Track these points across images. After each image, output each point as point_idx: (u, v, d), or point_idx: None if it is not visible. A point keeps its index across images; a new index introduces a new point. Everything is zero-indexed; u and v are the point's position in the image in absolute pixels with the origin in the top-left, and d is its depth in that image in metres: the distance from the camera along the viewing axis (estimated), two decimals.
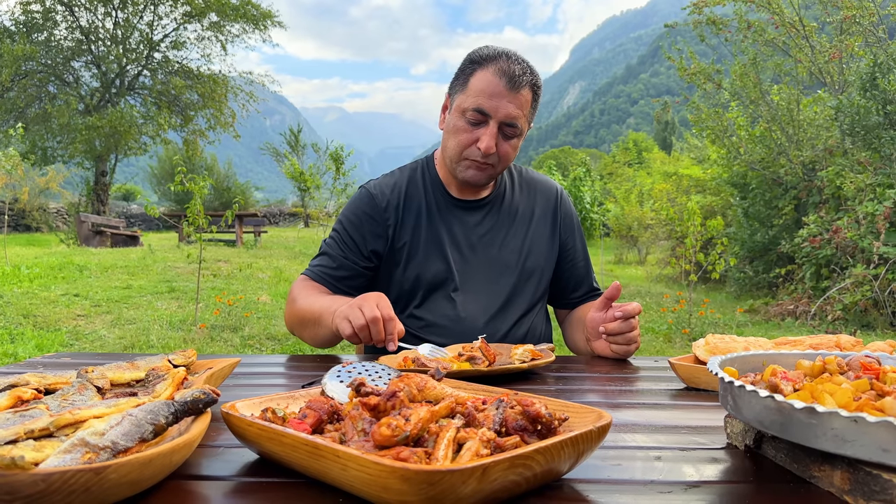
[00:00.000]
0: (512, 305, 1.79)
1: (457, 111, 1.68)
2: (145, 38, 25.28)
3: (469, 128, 1.66)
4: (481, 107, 1.62)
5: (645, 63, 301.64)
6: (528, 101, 1.67)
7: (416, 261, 1.76)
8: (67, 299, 7.74)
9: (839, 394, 0.70)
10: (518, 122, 1.65)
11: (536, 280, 1.84)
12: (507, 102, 1.62)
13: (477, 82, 1.64)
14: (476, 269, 1.78)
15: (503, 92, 1.61)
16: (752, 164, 10.66)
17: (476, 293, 1.76)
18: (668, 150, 38.05)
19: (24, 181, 21.51)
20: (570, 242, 1.92)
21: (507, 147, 1.68)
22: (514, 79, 1.61)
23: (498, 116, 1.62)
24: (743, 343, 1.27)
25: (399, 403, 0.72)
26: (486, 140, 1.62)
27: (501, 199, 1.85)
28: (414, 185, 1.82)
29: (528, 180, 1.94)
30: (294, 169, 23.65)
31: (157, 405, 0.71)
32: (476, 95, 1.63)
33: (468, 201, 1.82)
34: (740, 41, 10.97)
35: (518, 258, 1.81)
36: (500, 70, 1.62)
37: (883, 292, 7.44)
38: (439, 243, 1.77)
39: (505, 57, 1.64)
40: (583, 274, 1.94)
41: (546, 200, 1.91)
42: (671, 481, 0.72)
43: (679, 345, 6.61)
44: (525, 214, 1.86)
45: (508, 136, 1.67)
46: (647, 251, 17.55)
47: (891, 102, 8.51)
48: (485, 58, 1.66)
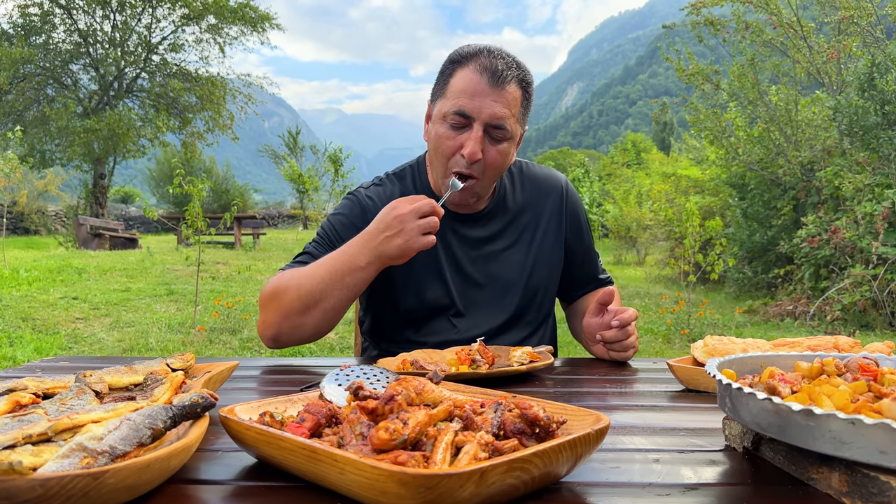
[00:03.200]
0: (518, 323, 1.68)
1: (438, 118, 1.53)
2: (143, 41, 25.29)
3: (452, 133, 1.49)
4: (462, 108, 1.46)
5: (643, 64, 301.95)
6: (517, 98, 1.50)
7: (413, 285, 1.62)
8: (66, 302, 7.73)
9: (837, 396, 0.70)
10: (506, 122, 1.47)
11: (542, 293, 1.71)
12: (492, 101, 1.45)
13: (457, 82, 1.49)
14: (478, 290, 1.65)
15: (486, 90, 1.45)
16: (751, 164, 10.67)
17: (478, 316, 1.64)
18: (666, 150, 38.07)
19: (22, 184, 21.49)
20: (575, 244, 1.78)
21: (495, 153, 1.50)
22: (497, 74, 1.46)
23: (482, 118, 1.46)
24: (741, 345, 1.27)
25: (397, 407, 0.72)
26: (471, 145, 1.46)
27: (503, 207, 1.69)
28: (406, 195, 1.60)
29: (531, 178, 1.76)
30: (292, 171, 23.68)
31: (155, 409, 0.71)
32: (456, 97, 1.47)
33: (465, 215, 1.66)
34: (738, 42, 10.98)
35: (522, 273, 1.67)
36: (481, 66, 1.47)
37: (882, 292, 7.44)
38: (437, 265, 1.63)
39: (486, 52, 1.49)
40: (589, 272, 1.84)
41: (551, 200, 1.75)
42: (669, 484, 0.73)
43: (678, 346, 6.61)
44: (530, 222, 1.71)
45: (496, 139, 1.49)
46: (645, 252, 17.55)
47: (889, 102, 8.53)
48: (464, 55, 1.51)
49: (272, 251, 15.49)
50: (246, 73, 27.10)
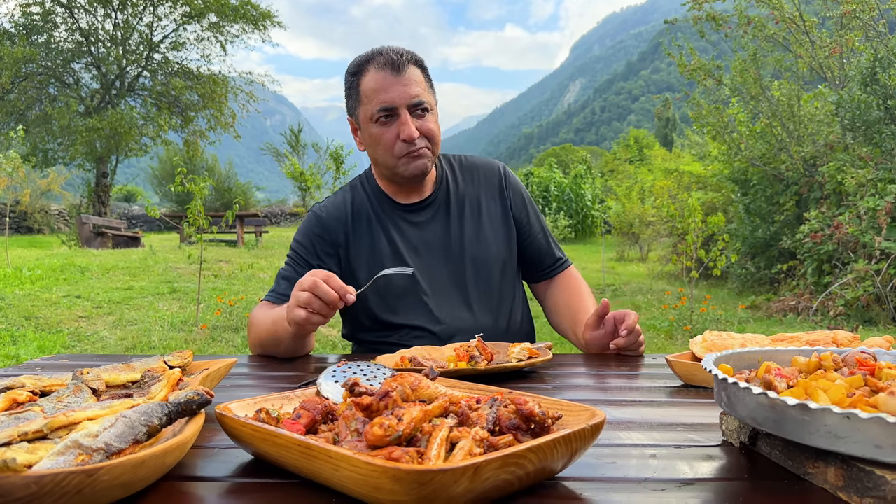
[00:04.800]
0: (484, 296, 1.78)
1: (366, 122, 1.69)
2: (145, 40, 25.27)
3: (384, 129, 1.66)
4: (383, 104, 1.63)
5: (645, 60, 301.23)
6: (420, 76, 1.68)
7: (380, 271, 1.72)
8: (69, 301, 7.75)
9: (833, 390, 0.69)
10: (422, 97, 1.65)
11: (501, 266, 1.82)
12: (403, 87, 1.63)
13: (367, 86, 1.66)
14: (439, 270, 1.76)
15: (393, 80, 1.63)
16: (753, 160, 10.64)
17: (447, 294, 1.75)
18: (668, 146, 38.01)
19: (25, 183, 21.54)
20: (523, 218, 1.89)
21: (426, 124, 1.67)
22: (395, 64, 1.64)
23: (402, 103, 1.63)
24: (740, 340, 1.27)
25: (392, 403, 0.72)
26: (406, 129, 1.63)
27: (446, 192, 1.83)
28: (359, 199, 1.81)
29: (469, 166, 1.91)
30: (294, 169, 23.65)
31: (150, 406, 0.71)
32: (373, 98, 1.65)
33: (413, 204, 1.80)
34: (740, 37, 10.93)
35: (478, 249, 1.79)
36: (380, 64, 1.65)
37: (885, 287, 7.43)
38: (397, 252, 1.75)
39: (377, 53, 1.68)
40: (544, 245, 1.92)
41: (490, 183, 1.89)
42: (666, 479, 0.72)
43: (681, 342, 6.61)
44: (473, 203, 1.84)
45: (421, 114, 1.67)
46: (648, 248, 17.52)
47: (891, 97, 8.49)
48: (360, 64, 1.69)
49: (275, 249, 15.50)
50: (248, 71, 27.07)
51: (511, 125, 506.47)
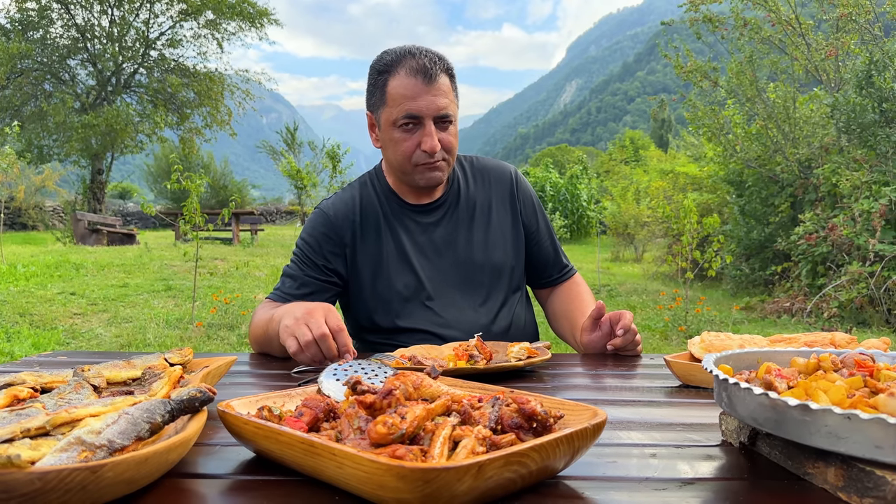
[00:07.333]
0: (489, 300, 1.77)
1: (387, 125, 1.66)
2: (141, 36, 25.18)
3: (406, 136, 1.63)
4: (410, 111, 1.59)
5: (641, 61, 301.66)
6: (449, 86, 1.64)
7: (385, 275, 1.73)
8: (64, 298, 7.72)
9: (833, 391, 0.70)
10: (448, 111, 1.63)
11: (509, 271, 1.81)
12: (432, 97, 1.59)
13: (395, 90, 1.61)
14: (445, 272, 1.76)
15: (424, 89, 1.59)
16: (749, 161, 10.67)
17: (450, 297, 1.74)
18: (664, 147, 38.04)
19: (20, 179, 21.42)
20: (533, 225, 1.89)
21: (448, 137, 1.65)
22: (428, 72, 1.59)
23: (429, 114, 1.60)
24: (738, 340, 1.28)
25: (395, 401, 0.72)
26: (429, 141, 1.60)
27: (457, 195, 1.82)
28: (367, 198, 1.78)
29: (481, 169, 1.89)
30: (291, 167, 23.60)
31: (153, 403, 0.71)
32: (400, 103, 1.60)
33: (424, 205, 1.78)
34: (736, 39, 10.96)
35: (485, 253, 1.78)
36: (412, 69, 1.59)
37: (879, 289, 7.46)
38: (404, 253, 1.74)
39: (410, 55, 1.62)
40: (551, 254, 1.92)
41: (502, 187, 1.87)
42: (666, 478, 0.73)
43: (675, 342, 6.62)
44: (483, 206, 1.83)
45: (445, 126, 1.64)
46: (643, 249, 17.55)
47: (886, 100, 8.53)
48: (391, 64, 1.63)
49: (270, 247, 15.47)
50: (244, 69, 27.02)
51: (507, 125, 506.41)
